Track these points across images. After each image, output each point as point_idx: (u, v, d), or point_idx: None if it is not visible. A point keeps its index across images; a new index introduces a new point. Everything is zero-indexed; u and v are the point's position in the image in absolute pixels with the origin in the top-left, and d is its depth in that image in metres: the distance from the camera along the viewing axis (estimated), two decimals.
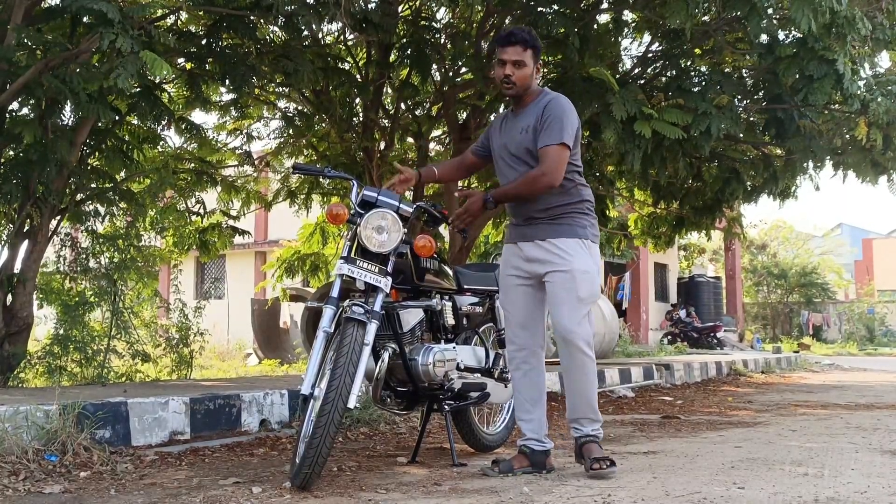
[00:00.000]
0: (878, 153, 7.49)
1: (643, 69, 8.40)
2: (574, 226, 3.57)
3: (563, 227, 3.55)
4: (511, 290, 3.67)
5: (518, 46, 3.55)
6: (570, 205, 3.58)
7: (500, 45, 3.60)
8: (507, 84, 3.58)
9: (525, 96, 3.64)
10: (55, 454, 3.53)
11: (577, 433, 3.58)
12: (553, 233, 3.55)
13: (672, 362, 10.24)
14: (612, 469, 3.41)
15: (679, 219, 10.43)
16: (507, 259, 3.71)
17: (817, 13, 5.70)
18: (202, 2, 5.98)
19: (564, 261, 3.50)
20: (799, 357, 16.25)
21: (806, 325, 28.44)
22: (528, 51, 3.56)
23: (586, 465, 3.46)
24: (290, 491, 3.10)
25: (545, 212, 3.56)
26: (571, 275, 3.49)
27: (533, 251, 3.58)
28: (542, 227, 3.57)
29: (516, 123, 3.64)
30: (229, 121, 9.18)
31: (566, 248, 3.52)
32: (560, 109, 3.55)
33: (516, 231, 3.68)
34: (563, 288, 3.49)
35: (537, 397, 3.65)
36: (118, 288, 7.33)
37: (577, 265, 3.50)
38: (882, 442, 4.53)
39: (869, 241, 39.79)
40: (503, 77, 3.57)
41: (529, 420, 3.63)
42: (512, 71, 3.55)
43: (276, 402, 4.92)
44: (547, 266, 3.53)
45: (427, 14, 8.28)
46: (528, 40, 3.57)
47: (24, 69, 5.29)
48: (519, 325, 3.66)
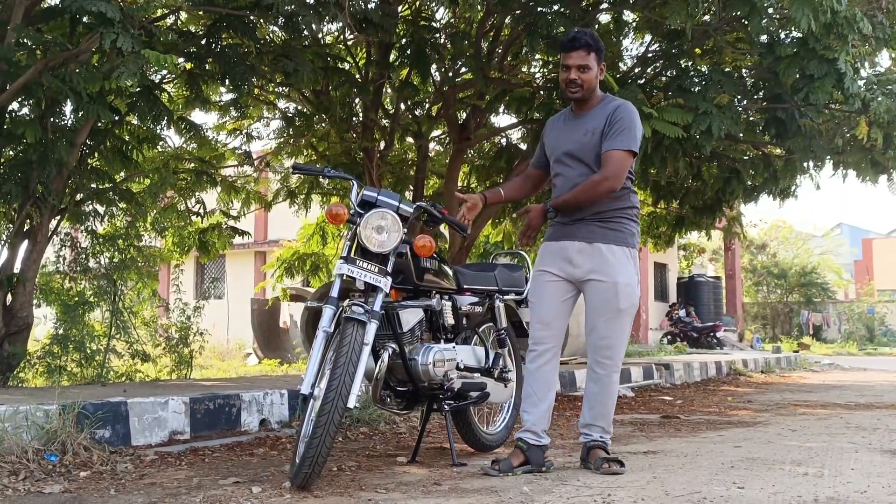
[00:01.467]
0: (878, 152, 7.48)
1: (643, 69, 8.40)
2: (624, 232, 3.59)
3: (612, 232, 3.57)
4: (543, 285, 3.67)
5: (582, 51, 3.55)
6: (620, 210, 3.60)
7: (565, 51, 3.59)
8: (575, 88, 3.58)
9: (590, 99, 3.64)
10: (55, 454, 3.53)
11: (586, 438, 3.63)
12: (602, 237, 3.56)
13: (672, 362, 10.24)
14: (622, 469, 3.47)
15: (679, 218, 10.44)
16: (546, 255, 3.70)
17: (818, 13, 5.70)
18: (202, 1, 5.98)
19: (609, 270, 3.53)
20: (799, 357, 16.25)
21: (806, 325, 28.44)
22: (592, 54, 3.56)
23: (595, 465, 3.52)
24: (289, 491, 3.10)
25: (596, 214, 3.57)
26: (614, 286, 3.53)
27: (577, 253, 3.58)
28: (591, 227, 3.57)
29: (579, 125, 3.63)
30: (229, 121, 9.19)
31: (612, 257, 3.54)
32: (630, 116, 3.56)
33: (562, 229, 3.66)
34: (604, 298, 3.53)
35: (545, 393, 3.66)
36: (118, 288, 7.32)
37: (621, 277, 3.53)
38: (882, 442, 4.53)
39: (869, 240, 39.79)
40: (569, 81, 3.57)
41: (533, 412, 3.64)
42: (577, 76, 3.55)
43: (275, 402, 4.92)
44: (590, 273, 3.55)
45: (427, 14, 8.28)
46: (592, 44, 3.57)
47: (24, 69, 5.28)
48: (542, 321, 3.66)
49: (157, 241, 9.00)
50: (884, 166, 7.97)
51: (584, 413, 3.68)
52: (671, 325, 20.63)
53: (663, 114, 6.53)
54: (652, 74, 8.30)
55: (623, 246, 3.58)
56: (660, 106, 6.68)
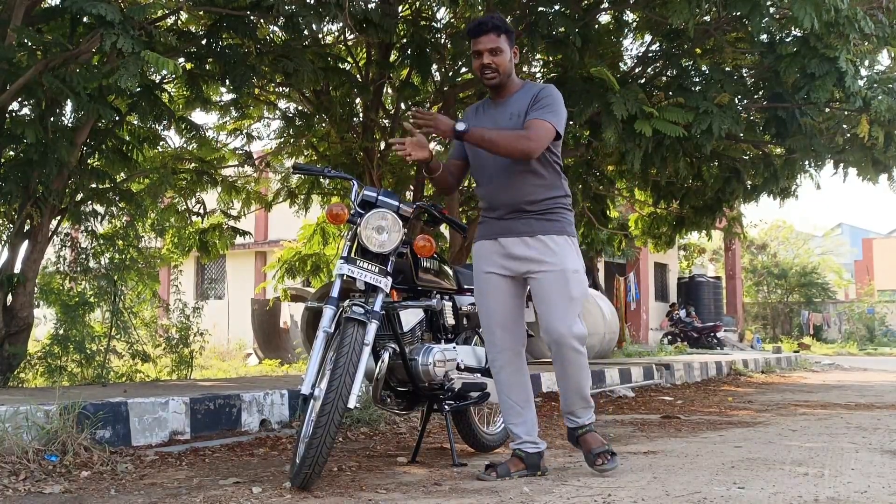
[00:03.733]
0: (879, 151, 7.48)
1: (644, 69, 8.40)
2: (563, 222, 3.50)
3: (552, 222, 3.46)
4: (490, 288, 3.53)
5: (491, 34, 3.45)
6: (557, 199, 3.50)
7: (473, 37, 3.49)
8: (490, 73, 3.47)
9: (508, 85, 3.54)
10: (55, 454, 3.53)
11: (572, 424, 3.58)
12: (541, 229, 3.45)
13: (672, 362, 10.24)
14: (615, 462, 3.46)
15: (679, 218, 10.44)
16: (484, 255, 3.55)
17: (821, 11, 5.70)
18: (202, 2, 5.98)
19: (556, 259, 3.42)
20: (799, 357, 16.26)
21: (806, 325, 28.45)
22: (502, 36, 3.46)
23: (589, 460, 3.49)
24: (290, 491, 3.10)
25: (533, 204, 3.46)
26: (563, 274, 3.41)
27: (518, 248, 3.46)
28: (529, 221, 3.45)
29: (502, 111, 3.51)
30: (229, 121, 9.18)
31: (556, 246, 3.44)
32: (554, 98, 3.48)
33: (497, 225, 3.52)
34: (555, 288, 3.40)
35: (526, 399, 3.58)
36: (118, 288, 7.32)
37: (568, 264, 3.43)
38: (882, 442, 4.53)
39: (869, 240, 39.80)
40: (483, 67, 3.46)
41: (521, 423, 3.55)
42: (490, 59, 3.45)
43: (276, 402, 4.92)
44: (536, 264, 3.43)
45: (427, 14, 8.28)
46: (500, 26, 3.47)
47: (24, 69, 5.29)
48: (500, 325, 3.54)
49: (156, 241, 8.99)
50: (884, 165, 7.97)
51: (562, 400, 3.59)
52: (671, 326, 20.64)
53: (664, 113, 6.54)
54: (652, 74, 8.30)
55: (564, 235, 3.47)
56: (660, 105, 6.68)
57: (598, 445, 3.50)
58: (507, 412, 3.60)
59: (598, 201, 10.44)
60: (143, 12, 4.95)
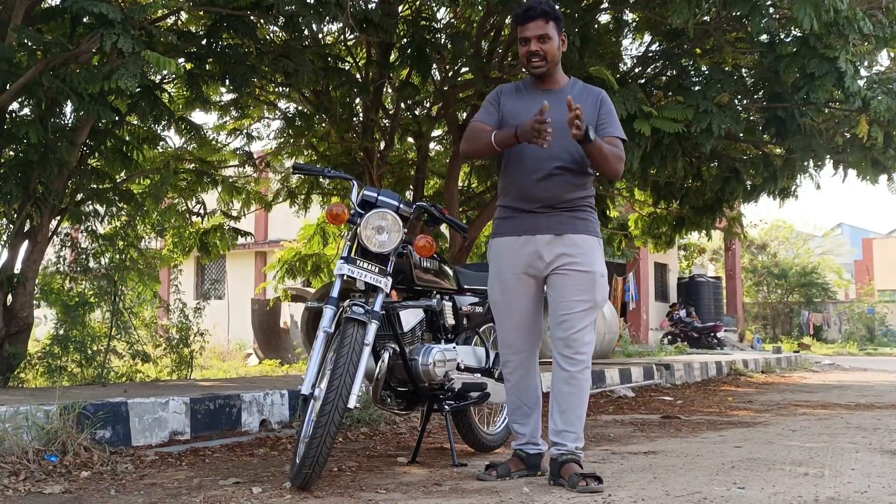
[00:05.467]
0: (878, 151, 7.49)
1: (643, 68, 8.40)
2: (592, 222, 3.41)
3: (583, 222, 3.36)
4: (512, 286, 3.41)
5: (540, 20, 3.31)
6: (585, 199, 3.41)
7: (521, 23, 3.35)
8: (537, 60, 3.33)
9: (555, 74, 3.42)
10: (55, 454, 3.53)
11: (558, 450, 3.29)
12: (572, 227, 3.33)
13: (672, 362, 10.24)
14: (601, 486, 3.11)
15: (679, 219, 10.44)
16: (508, 254, 3.42)
17: (820, 11, 5.70)
18: (202, 2, 5.98)
19: (586, 260, 3.32)
20: (799, 357, 16.25)
21: (806, 325, 28.44)
22: (551, 22, 3.32)
23: (571, 482, 3.14)
24: (290, 491, 3.10)
25: (568, 202, 3.33)
26: (593, 277, 3.31)
27: (548, 245, 3.33)
28: (559, 218, 3.33)
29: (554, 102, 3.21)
30: (229, 121, 9.19)
31: (588, 247, 3.34)
32: (614, 108, 3.45)
33: (523, 221, 3.38)
34: (582, 290, 3.30)
35: (534, 402, 3.53)
36: (118, 288, 7.32)
37: (598, 267, 3.35)
38: (882, 442, 4.53)
39: (869, 240, 39.78)
40: (529, 54, 3.33)
41: (526, 424, 3.52)
42: (539, 47, 3.32)
43: (276, 403, 4.92)
44: (563, 261, 3.30)
45: (427, 14, 8.28)
46: (549, 11, 3.32)
47: (24, 69, 5.29)
48: (517, 325, 3.44)
49: (156, 242, 8.99)
50: (884, 165, 7.98)
51: (553, 418, 3.33)
52: (672, 326, 20.63)
53: (663, 111, 6.54)
54: (652, 74, 8.30)
55: (594, 236, 3.38)
56: (659, 104, 6.68)
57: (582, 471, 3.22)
58: (515, 412, 3.55)
59: (598, 201, 10.39)
60: (144, 12, 4.96)
